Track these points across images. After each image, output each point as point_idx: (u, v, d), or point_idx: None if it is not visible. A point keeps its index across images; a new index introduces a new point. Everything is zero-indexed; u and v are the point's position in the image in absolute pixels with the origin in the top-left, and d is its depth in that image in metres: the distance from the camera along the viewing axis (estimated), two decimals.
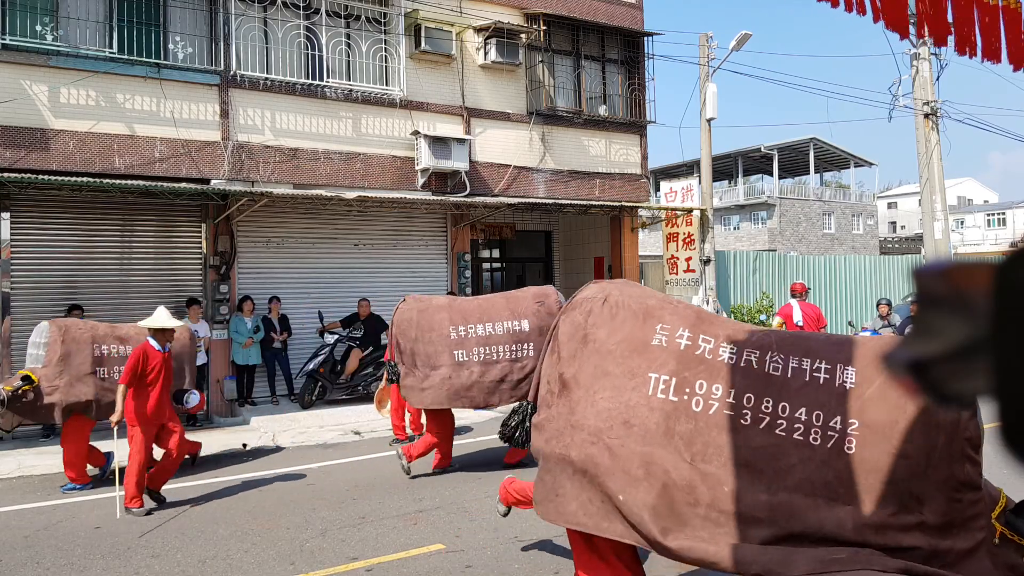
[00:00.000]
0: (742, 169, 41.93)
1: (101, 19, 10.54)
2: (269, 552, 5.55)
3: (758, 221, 40.36)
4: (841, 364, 3.26)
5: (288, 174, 11.70)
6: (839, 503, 3.08)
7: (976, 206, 59.69)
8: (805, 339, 3.52)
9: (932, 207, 16.78)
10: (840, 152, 40.90)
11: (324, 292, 12.62)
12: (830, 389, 3.21)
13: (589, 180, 14.71)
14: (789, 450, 3.17)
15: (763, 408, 3.27)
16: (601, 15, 14.81)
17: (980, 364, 0.71)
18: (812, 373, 3.26)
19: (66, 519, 6.43)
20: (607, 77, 15.14)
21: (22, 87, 9.97)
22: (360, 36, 12.53)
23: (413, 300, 7.87)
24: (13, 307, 10.10)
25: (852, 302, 17.56)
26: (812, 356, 3.31)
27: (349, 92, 12.27)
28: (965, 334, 0.73)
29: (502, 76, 13.79)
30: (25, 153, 9.93)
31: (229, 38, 11.33)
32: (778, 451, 3.19)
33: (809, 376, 3.27)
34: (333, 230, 12.74)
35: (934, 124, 16.51)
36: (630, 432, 3.43)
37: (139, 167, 10.59)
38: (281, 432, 10.03)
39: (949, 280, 0.77)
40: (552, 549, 5.48)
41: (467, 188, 13.02)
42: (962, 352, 0.74)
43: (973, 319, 0.72)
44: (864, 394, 3.17)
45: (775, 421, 3.23)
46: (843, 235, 40.92)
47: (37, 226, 10.45)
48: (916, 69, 16.56)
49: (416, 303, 7.80)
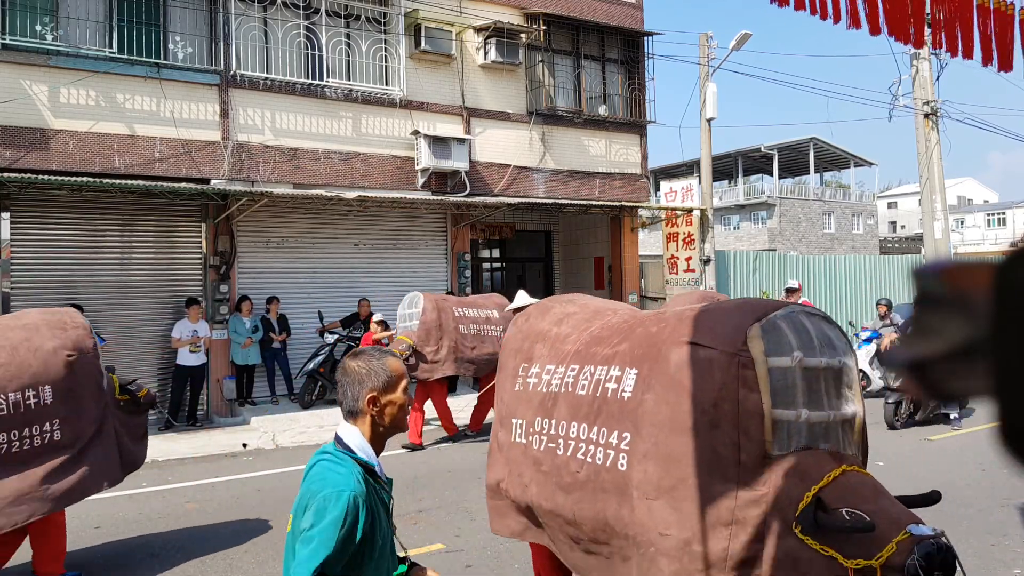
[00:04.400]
0: (742, 169, 41.91)
1: (101, 19, 10.53)
2: (269, 552, 5.55)
3: (758, 221, 40.35)
4: (627, 366, 2.86)
5: (288, 174, 11.70)
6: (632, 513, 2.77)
7: (976, 206, 59.69)
8: (618, 336, 3.08)
9: (932, 207, 16.77)
10: (840, 152, 40.88)
11: (324, 292, 12.61)
12: (617, 402, 2.84)
13: (589, 180, 14.71)
14: (597, 473, 2.88)
15: (574, 435, 3.05)
16: (601, 15, 14.80)
17: (980, 364, 0.71)
18: (604, 384, 2.92)
19: (66, 519, 6.42)
20: (607, 77, 15.14)
21: (22, 87, 9.96)
22: (360, 36, 12.53)
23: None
24: (13, 307, 10.09)
25: (852, 302, 17.55)
26: (608, 363, 2.94)
27: (349, 92, 12.26)
28: (965, 334, 0.73)
29: (502, 76, 13.78)
30: (25, 153, 9.92)
31: (229, 38, 11.32)
32: (593, 474, 2.88)
33: (603, 391, 2.95)
34: (333, 230, 12.74)
35: (934, 124, 16.51)
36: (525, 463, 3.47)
37: (139, 167, 10.59)
38: (281, 432, 10.03)
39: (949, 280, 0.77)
40: None
41: (467, 188, 13.02)
42: (962, 352, 0.74)
43: (973, 319, 0.72)
44: (641, 402, 2.74)
45: (586, 447, 2.92)
46: (843, 235, 40.91)
47: (37, 226, 10.45)
48: (916, 69, 16.56)
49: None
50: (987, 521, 6.07)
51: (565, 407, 3.02)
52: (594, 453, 2.80)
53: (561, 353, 3.30)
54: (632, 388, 2.71)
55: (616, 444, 2.72)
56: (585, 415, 2.90)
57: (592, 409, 2.87)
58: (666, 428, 2.56)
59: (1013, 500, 6.57)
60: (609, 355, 2.94)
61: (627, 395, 2.73)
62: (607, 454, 2.75)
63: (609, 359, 2.92)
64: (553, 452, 3.03)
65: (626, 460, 2.67)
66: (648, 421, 2.62)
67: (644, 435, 2.63)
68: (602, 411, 2.81)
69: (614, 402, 2.78)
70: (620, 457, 2.70)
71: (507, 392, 3.57)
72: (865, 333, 11.94)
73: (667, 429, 2.56)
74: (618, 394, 2.77)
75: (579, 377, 3.00)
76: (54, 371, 4.68)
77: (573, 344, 3.27)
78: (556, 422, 3.03)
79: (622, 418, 2.72)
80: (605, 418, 2.79)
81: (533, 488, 3.21)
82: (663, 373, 2.63)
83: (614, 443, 2.73)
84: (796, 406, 2.51)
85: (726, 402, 2.48)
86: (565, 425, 2.98)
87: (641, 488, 2.60)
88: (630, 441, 2.67)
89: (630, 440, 2.67)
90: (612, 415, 2.77)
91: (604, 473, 2.75)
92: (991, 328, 0.70)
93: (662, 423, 2.58)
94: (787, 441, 2.48)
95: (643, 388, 2.68)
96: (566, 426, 2.98)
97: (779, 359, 2.52)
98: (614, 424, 2.75)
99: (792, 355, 2.52)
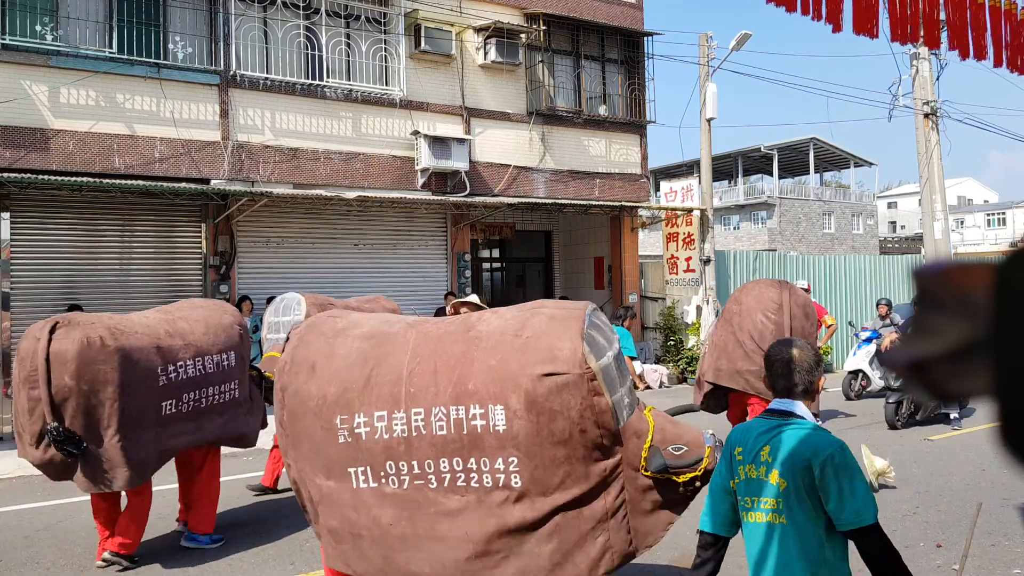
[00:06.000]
0: (742, 169, 41.93)
1: (101, 19, 10.54)
2: (269, 552, 5.55)
3: (758, 221, 40.37)
4: (489, 403, 3.26)
5: (288, 174, 11.71)
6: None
7: (976, 206, 59.72)
8: (449, 372, 3.38)
9: (932, 207, 16.78)
10: (840, 152, 40.89)
11: (324, 292, 12.56)
12: (493, 435, 3.27)
13: (589, 180, 14.71)
14: (488, 494, 3.31)
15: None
16: (601, 15, 14.81)
17: (980, 364, 0.71)
18: (470, 423, 3.26)
19: (66, 519, 6.43)
20: (607, 77, 15.14)
21: (22, 87, 9.97)
22: (360, 36, 12.53)
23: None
24: (13, 307, 10.10)
25: (852, 302, 17.54)
26: (461, 402, 3.28)
27: (349, 92, 12.27)
28: (965, 334, 0.73)
29: (502, 76, 13.79)
30: (25, 153, 9.93)
31: (229, 38, 11.33)
32: (483, 495, 3.31)
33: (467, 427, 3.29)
34: (333, 230, 12.74)
35: (934, 124, 16.51)
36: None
37: (139, 167, 10.59)
38: None
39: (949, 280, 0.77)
40: None
41: (467, 188, 13.02)
42: (962, 352, 0.74)
43: (973, 319, 0.72)
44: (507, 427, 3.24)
45: (467, 476, 3.33)
46: (843, 235, 40.92)
47: (37, 226, 10.45)
48: (916, 69, 16.56)
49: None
50: (987, 521, 6.07)
51: (426, 447, 3.31)
52: (479, 479, 3.27)
53: (386, 397, 3.37)
54: (505, 421, 3.20)
55: (504, 468, 3.24)
56: (455, 451, 3.27)
57: (463, 445, 3.26)
58: (548, 443, 3.19)
59: (1013, 500, 6.58)
60: (458, 394, 3.27)
61: (502, 428, 3.21)
62: (496, 477, 3.25)
63: (461, 398, 3.27)
64: (423, 488, 3.34)
65: (518, 476, 3.23)
66: (530, 443, 3.19)
67: (530, 453, 3.20)
68: (477, 444, 3.24)
69: (489, 435, 3.22)
70: (512, 477, 3.23)
71: (331, 446, 3.49)
72: (865, 333, 11.93)
73: (549, 443, 3.19)
74: (490, 428, 3.22)
75: (431, 419, 3.29)
76: (234, 341, 5.75)
77: (391, 387, 3.38)
78: (420, 462, 3.33)
79: (504, 445, 3.22)
80: (484, 450, 3.24)
81: (403, 524, 3.39)
82: (533, 403, 3.17)
83: (501, 467, 3.24)
84: (618, 388, 3.29)
85: (586, 411, 3.17)
86: (433, 463, 3.31)
87: (536, 490, 3.23)
88: (518, 462, 3.22)
89: (518, 461, 3.22)
90: (492, 446, 3.23)
91: (496, 492, 3.26)
92: (991, 328, 0.70)
93: (543, 441, 3.19)
94: (621, 415, 3.30)
95: (515, 419, 3.19)
96: (434, 463, 3.31)
97: (603, 360, 3.23)
98: (497, 453, 3.23)
99: (608, 353, 3.28)
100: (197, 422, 5.44)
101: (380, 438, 3.37)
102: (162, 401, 5.17)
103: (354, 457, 3.44)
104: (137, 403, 4.99)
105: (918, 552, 5.30)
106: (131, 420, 4.95)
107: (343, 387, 3.45)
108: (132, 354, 4.98)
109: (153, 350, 5.14)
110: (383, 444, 3.37)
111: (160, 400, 5.16)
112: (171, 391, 5.22)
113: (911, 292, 0.92)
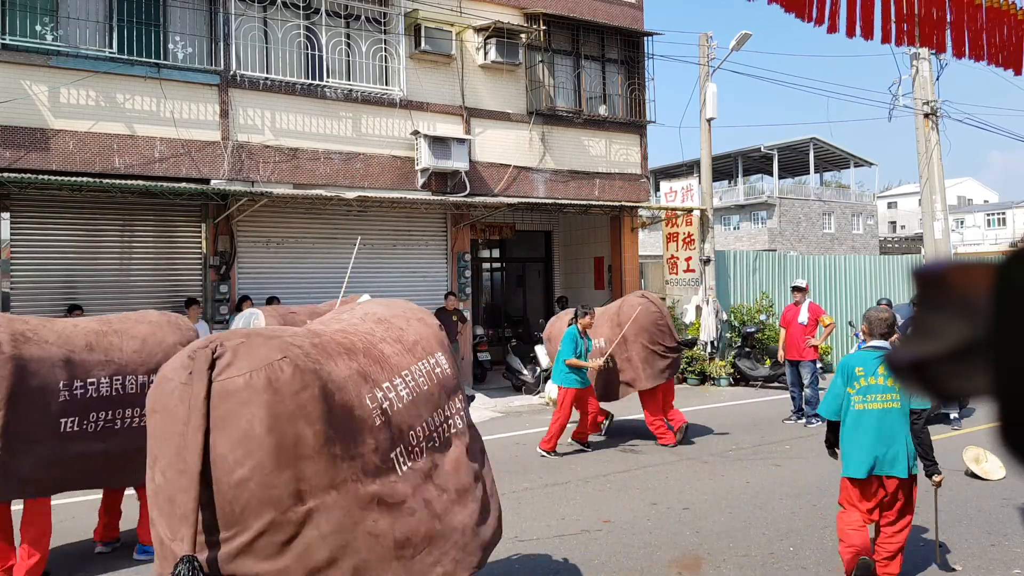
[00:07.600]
0: (742, 169, 41.94)
1: (101, 19, 10.54)
2: None
3: (758, 221, 40.38)
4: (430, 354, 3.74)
5: (288, 174, 11.71)
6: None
7: (976, 206, 59.74)
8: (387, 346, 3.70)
9: (932, 207, 16.78)
10: (840, 152, 40.91)
11: (324, 292, 12.59)
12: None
13: (589, 180, 14.71)
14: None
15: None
16: (601, 15, 14.81)
17: (980, 364, 0.71)
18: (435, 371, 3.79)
19: (66, 519, 6.43)
20: (607, 77, 15.14)
21: (22, 87, 9.97)
22: (360, 36, 12.53)
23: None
24: (13, 307, 10.10)
25: (852, 302, 17.54)
26: (421, 358, 3.79)
27: (349, 92, 12.27)
28: (965, 334, 0.73)
29: (502, 76, 13.79)
30: (25, 153, 9.93)
31: (229, 38, 11.33)
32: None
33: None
34: (333, 230, 12.74)
35: (934, 124, 16.51)
36: None
37: (139, 167, 10.59)
38: None
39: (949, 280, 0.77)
40: (552, 549, 5.48)
41: (467, 188, 13.02)
42: (962, 352, 0.74)
43: (973, 319, 0.72)
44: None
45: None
46: (843, 235, 40.93)
47: (37, 226, 10.45)
48: (916, 69, 16.56)
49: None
50: (987, 521, 6.08)
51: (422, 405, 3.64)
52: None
53: (385, 365, 3.45)
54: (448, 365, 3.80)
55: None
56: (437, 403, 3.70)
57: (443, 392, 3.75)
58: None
59: (1013, 500, 6.58)
60: (410, 354, 3.68)
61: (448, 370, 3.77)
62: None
63: (420, 355, 3.70)
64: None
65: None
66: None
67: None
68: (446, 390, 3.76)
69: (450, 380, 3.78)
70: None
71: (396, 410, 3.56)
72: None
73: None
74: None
75: (416, 377, 3.58)
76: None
77: (370, 347, 3.54)
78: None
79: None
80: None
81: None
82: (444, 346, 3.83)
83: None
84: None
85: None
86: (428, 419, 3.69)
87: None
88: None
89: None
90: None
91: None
92: (991, 328, 0.70)
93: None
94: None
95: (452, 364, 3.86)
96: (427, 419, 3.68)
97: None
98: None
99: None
100: (106, 443, 5.00)
101: (400, 405, 3.77)
102: (61, 418, 4.80)
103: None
104: (28, 416, 4.65)
105: (918, 552, 5.30)
106: (16, 433, 4.61)
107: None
108: (29, 365, 4.66)
109: (60, 363, 4.81)
110: (403, 410, 3.67)
111: (59, 416, 4.79)
112: (74, 408, 4.87)
113: (911, 292, 0.93)
